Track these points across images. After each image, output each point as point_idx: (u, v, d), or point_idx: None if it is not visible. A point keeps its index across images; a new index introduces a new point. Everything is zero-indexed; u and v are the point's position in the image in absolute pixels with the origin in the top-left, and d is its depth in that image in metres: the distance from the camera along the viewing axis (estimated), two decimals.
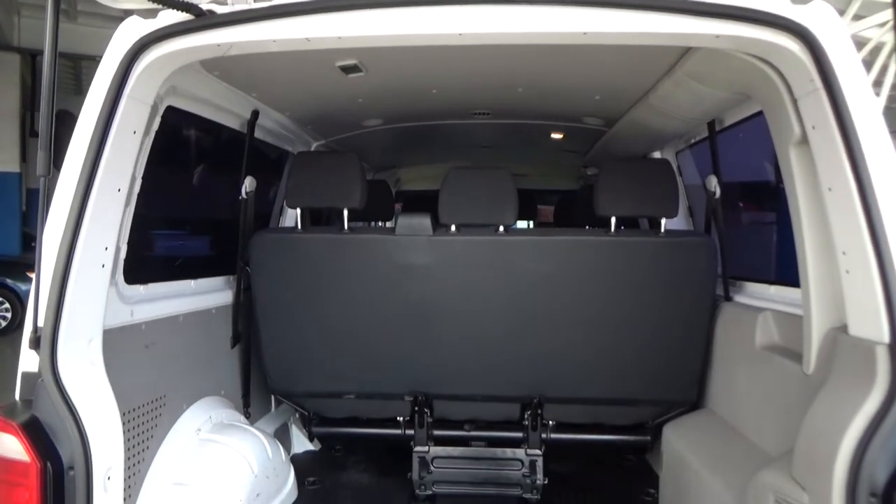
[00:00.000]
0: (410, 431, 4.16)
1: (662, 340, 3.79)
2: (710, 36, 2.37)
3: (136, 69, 2.48)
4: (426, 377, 3.99)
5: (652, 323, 3.78)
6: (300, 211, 3.87)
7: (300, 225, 3.86)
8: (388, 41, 2.51)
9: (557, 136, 5.40)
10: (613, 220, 3.68)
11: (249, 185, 3.90)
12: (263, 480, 3.39)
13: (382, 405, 4.19)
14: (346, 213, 3.79)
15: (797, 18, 2.27)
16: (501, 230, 3.75)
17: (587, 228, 4.56)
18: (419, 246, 3.74)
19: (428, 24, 2.39)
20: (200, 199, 4.72)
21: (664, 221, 3.71)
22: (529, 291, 3.77)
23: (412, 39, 2.48)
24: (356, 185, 3.78)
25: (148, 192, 2.92)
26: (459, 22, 2.38)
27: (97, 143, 2.41)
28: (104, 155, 2.43)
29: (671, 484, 3.77)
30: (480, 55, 3.14)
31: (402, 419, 4.20)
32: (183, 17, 2.43)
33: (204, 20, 2.43)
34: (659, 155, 4.97)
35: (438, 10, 2.38)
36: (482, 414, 4.21)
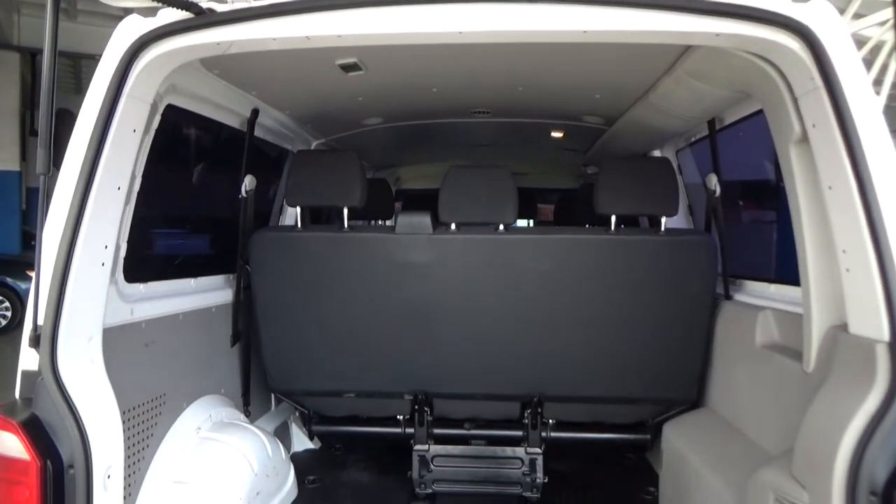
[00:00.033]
0: (410, 430, 4.16)
1: (662, 339, 3.79)
2: (710, 34, 2.37)
3: (135, 67, 2.48)
4: (426, 376, 3.99)
5: (652, 321, 3.78)
6: (300, 209, 3.87)
7: (300, 223, 3.86)
8: (388, 39, 2.51)
9: (557, 134, 5.39)
10: (613, 218, 3.68)
11: (249, 183, 3.90)
12: (263, 479, 3.40)
13: (382, 404, 4.19)
14: (345, 211, 3.79)
15: (797, 17, 2.27)
16: (501, 229, 3.75)
17: (587, 227, 4.55)
18: (419, 244, 3.74)
19: (428, 22, 2.38)
20: (200, 197, 4.72)
21: (664, 220, 3.71)
22: (529, 290, 3.77)
23: (412, 38, 2.48)
24: (356, 183, 3.78)
25: (148, 190, 2.92)
26: (459, 20, 2.37)
27: (97, 141, 2.41)
28: (104, 153, 2.43)
29: (671, 482, 3.77)
30: (480, 53, 3.14)
31: (402, 418, 4.20)
32: (183, 15, 2.43)
33: (204, 18, 2.43)
34: (659, 153, 4.97)
35: (438, 8, 2.37)
36: (482, 412, 4.21)
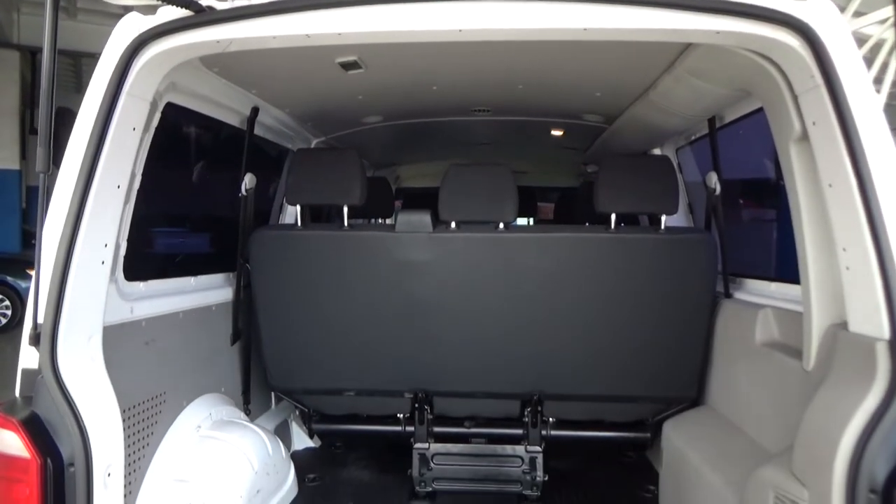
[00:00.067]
0: (410, 428, 4.16)
1: (662, 337, 3.79)
2: (710, 32, 2.37)
3: (135, 65, 2.48)
4: (426, 374, 3.99)
5: (652, 320, 3.77)
6: (300, 208, 3.87)
7: (300, 222, 3.85)
8: (388, 37, 2.51)
9: (557, 132, 5.39)
10: (613, 216, 3.68)
11: (249, 181, 3.90)
12: (264, 477, 3.40)
13: (382, 402, 4.19)
14: (345, 209, 3.79)
15: (798, 14, 2.26)
16: (501, 227, 3.75)
17: (587, 225, 4.56)
18: (419, 243, 3.74)
19: (428, 20, 2.38)
20: (200, 196, 4.72)
21: (664, 218, 3.71)
22: (529, 288, 3.77)
23: (412, 36, 2.48)
24: (356, 181, 3.78)
25: (148, 188, 2.92)
26: (460, 18, 2.37)
27: (97, 139, 2.41)
28: (104, 151, 2.43)
29: (671, 480, 3.77)
30: (481, 52, 3.14)
31: (402, 416, 4.20)
32: (182, 13, 2.42)
33: (203, 16, 2.43)
34: (659, 152, 4.97)
35: (439, 6, 2.37)
36: (482, 411, 4.22)
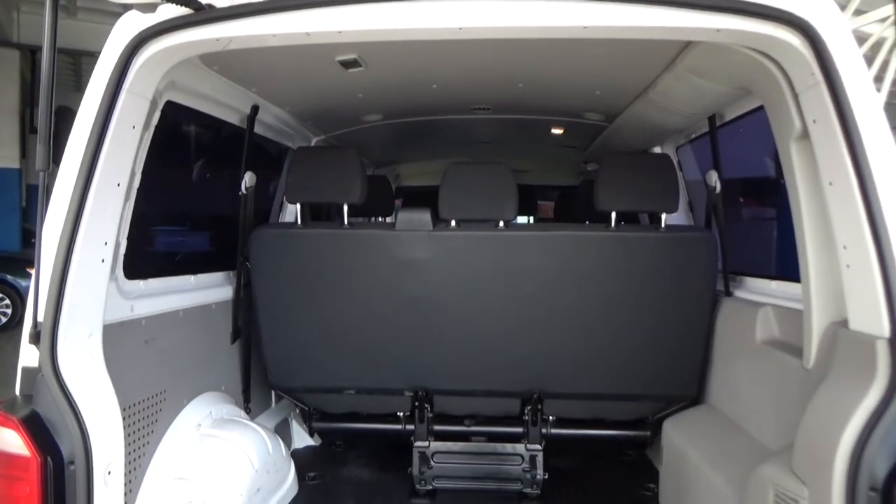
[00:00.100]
0: (411, 427, 4.16)
1: (663, 335, 3.79)
2: (710, 30, 2.37)
3: (135, 64, 2.48)
4: (426, 372, 3.99)
5: (652, 318, 3.78)
6: (300, 206, 3.86)
7: (300, 220, 3.85)
8: (388, 35, 2.51)
9: (557, 131, 5.39)
10: (614, 215, 3.68)
11: (249, 180, 3.90)
12: (264, 475, 3.40)
13: (383, 400, 4.19)
14: (346, 208, 3.79)
15: (798, 12, 2.26)
16: (501, 225, 3.75)
17: (587, 224, 4.56)
18: (419, 241, 3.74)
19: (428, 18, 2.38)
20: (200, 194, 4.72)
21: (664, 216, 3.71)
22: (529, 287, 3.77)
23: (412, 34, 2.48)
24: (356, 180, 3.78)
25: (148, 187, 2.92)
26: (460, 16, 2.37)
27: (96, 137, 2.41)
28: (103, 150, 2.43)
29: (671, 479, 3.77)
30: (481, 50, 3.14)
31: (402, 414, 4.20)
32: (182, 11, 2.42)
33: (203, 14, 2.42)
34: (659, 150, 4.97)
35: (439, 4, 2.37)
36: (482, 409, 4.21)
